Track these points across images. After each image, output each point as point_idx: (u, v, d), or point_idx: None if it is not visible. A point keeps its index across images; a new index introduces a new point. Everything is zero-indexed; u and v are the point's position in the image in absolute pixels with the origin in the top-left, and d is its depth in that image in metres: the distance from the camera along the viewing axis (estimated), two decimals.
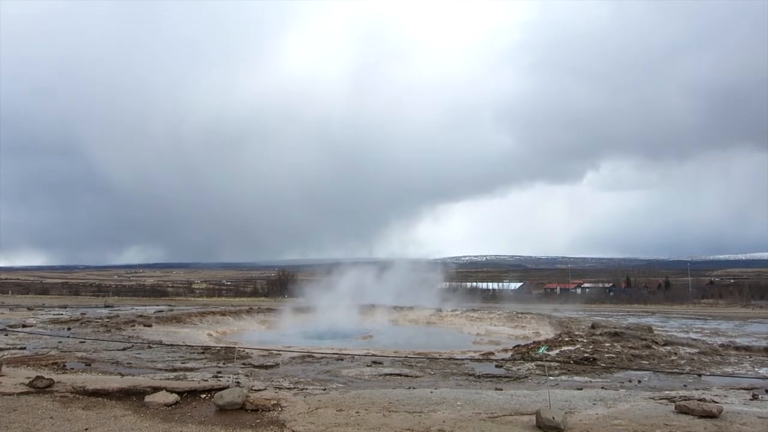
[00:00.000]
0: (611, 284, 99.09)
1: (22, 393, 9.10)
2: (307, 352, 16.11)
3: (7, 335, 19.71)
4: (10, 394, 8.98)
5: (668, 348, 18.05)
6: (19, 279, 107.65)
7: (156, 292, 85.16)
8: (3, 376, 10.43)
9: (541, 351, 16.36)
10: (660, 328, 26.03)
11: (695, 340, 20.80)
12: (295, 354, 15.72)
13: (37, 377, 9.72)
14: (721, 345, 19.22)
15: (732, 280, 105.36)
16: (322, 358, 14.84)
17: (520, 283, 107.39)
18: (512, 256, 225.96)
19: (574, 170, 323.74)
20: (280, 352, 15.52)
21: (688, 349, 17.88)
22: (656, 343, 18.91)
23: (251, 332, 28.03)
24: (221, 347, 16.14)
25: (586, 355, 16.19)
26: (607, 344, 18.61)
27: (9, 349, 16.08)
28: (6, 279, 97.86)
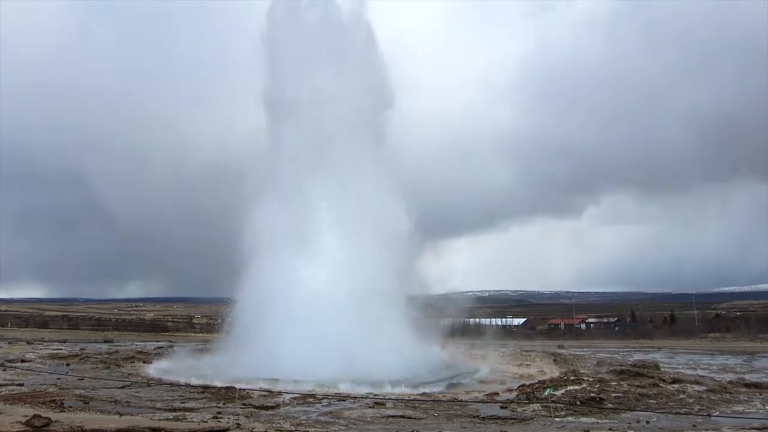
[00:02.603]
0: (616, 319, 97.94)
1: None
2: (308, 392, 15.85)
3: (5, 370, 19.51)
4: None
5: (676, 386, 17.76)
6: (18, 311, 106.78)
7: (156, 326, 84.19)
8: (0, 414, 10.28)
9: (546, 392, 16.07)
10: (667, 365, 25.66)
11: (703, 377, 20.49)
12: (297, 394, 15.46)
13: (35, 416, 9.58)
14: (730, 382, 18.91)
15: (738, 313, 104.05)
16: (323, 398, 14.60)
17: (524, 319, 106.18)
18: (515, 291, 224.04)
19: (575, 205, 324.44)
20: (281, 393, 15.28)
21: (697, 387, 17.59)
22: (664, 381, 18.61)
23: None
24: (221, 386, 15.90)
25: (592, 394, 15.89)
26: (613, 383, 18.29)
27: (7, 385, 15.92)
28: (5, 311, 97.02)
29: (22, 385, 16.04)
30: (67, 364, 22.83)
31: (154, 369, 22.45)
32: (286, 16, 29.47)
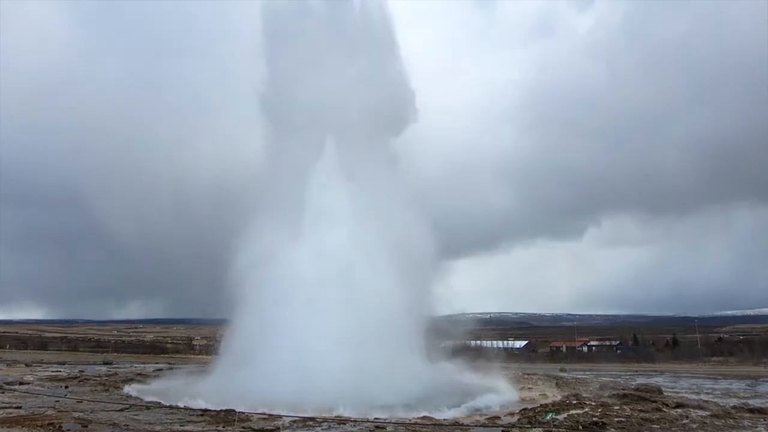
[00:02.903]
0: (618, 342, 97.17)
1: None
2: (309, 415, 15.70)
3: (3, 393, 19.42)
4: None
5: (679, 411, 17.60)
6: (17, 332, 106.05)
7: (155, 348, 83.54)
8: None
9: (549, 417, 15.95)
10: (670, 389, 25.42)
11: (706, 401, 20.29)
12: (296, 417, 15.33)
13: None
14: (734, 407, 18.75)
15: (741, 337, 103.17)
16: (323, 422, 14.48)
17: (526, 342, 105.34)
18: (516, 313, 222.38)
19: (576, 227, 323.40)
20: (281, 416, 15.17)
21: (700, 412, 17.44)
22: (667, 405, 18.45)
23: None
24: (221, 409, 15.78)
25: (594, 419, 15.76)
26: (616, 407, 18.15)
27: (5, 407, 15.82)
28: (4, 332, 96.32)
29: (20, 407, 15.94)
30: (66, 387, 22.66)
31: (153, 391, 22.16)
32: (286, 8, 27.49)
